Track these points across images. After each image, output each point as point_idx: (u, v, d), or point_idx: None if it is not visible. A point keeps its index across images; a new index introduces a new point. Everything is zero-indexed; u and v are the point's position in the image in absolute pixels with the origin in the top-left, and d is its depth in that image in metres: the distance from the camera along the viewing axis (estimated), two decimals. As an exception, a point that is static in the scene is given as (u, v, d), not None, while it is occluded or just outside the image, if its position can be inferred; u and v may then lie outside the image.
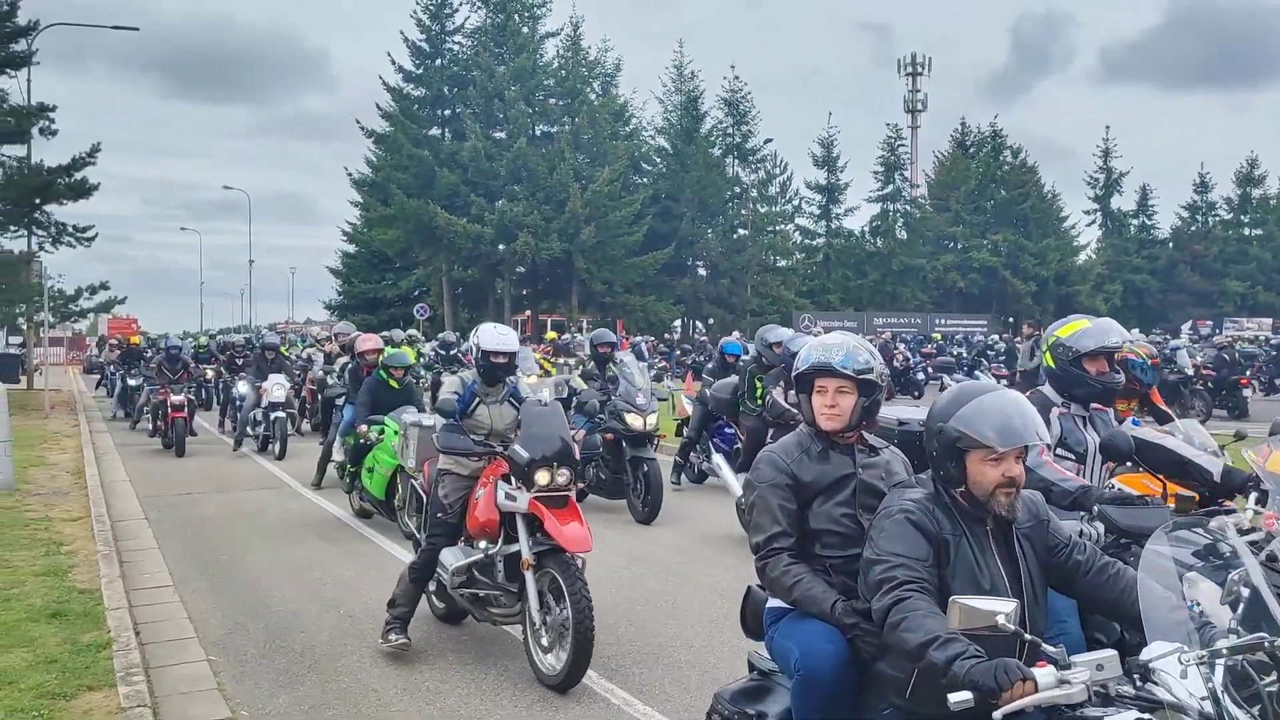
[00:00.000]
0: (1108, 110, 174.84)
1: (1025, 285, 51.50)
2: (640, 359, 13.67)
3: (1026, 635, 2.22)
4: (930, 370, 26.52)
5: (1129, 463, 3.68)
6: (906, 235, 53.63)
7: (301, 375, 16.21)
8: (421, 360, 16.93)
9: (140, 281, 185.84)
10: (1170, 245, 57.41)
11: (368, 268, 50.30)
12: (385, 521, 8.80)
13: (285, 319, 75.04)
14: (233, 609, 6.33)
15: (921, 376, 25.66)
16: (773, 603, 3.00)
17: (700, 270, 49.58)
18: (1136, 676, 2.16)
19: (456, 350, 19.33)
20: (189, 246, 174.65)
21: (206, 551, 8.01)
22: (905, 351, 28.10)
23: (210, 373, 19.47)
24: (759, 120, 50.87)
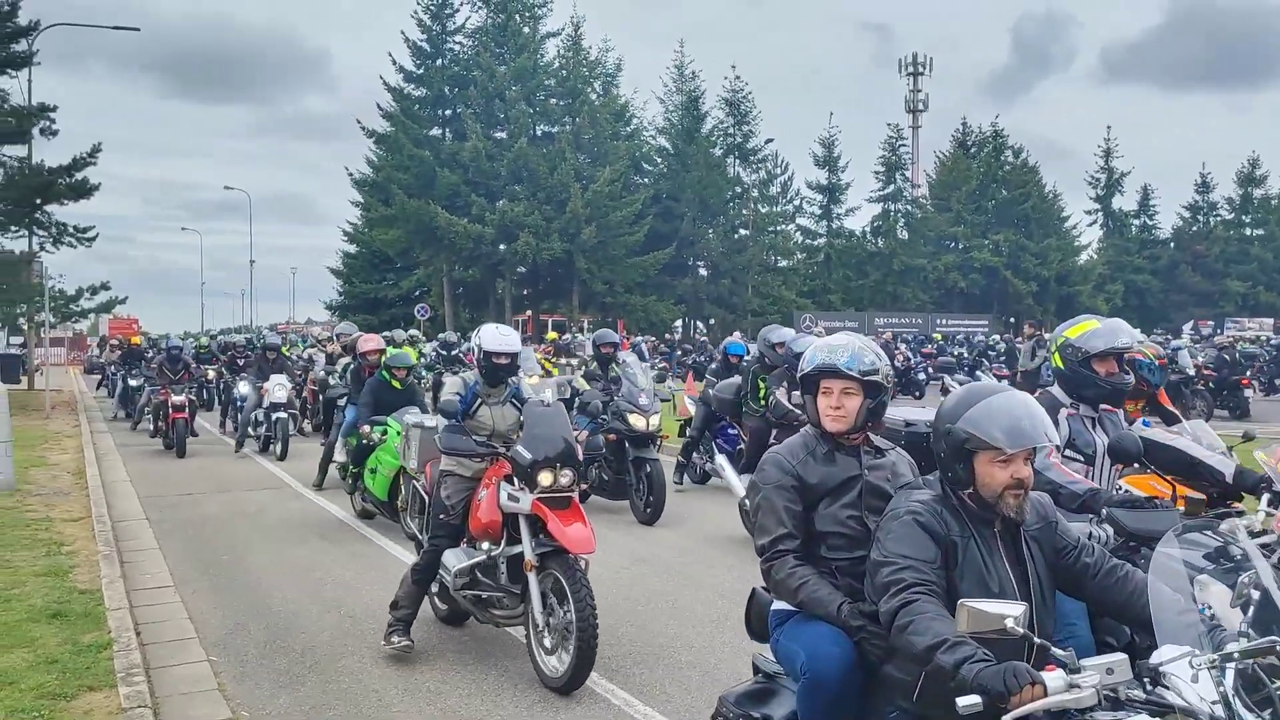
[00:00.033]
0: (1109, 110, 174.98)
1: (1026, 285, 51.47)
2: (641, 359, 13.62)
3: (1036, 639, 2.20)
4: (931, 370, 26.49)
5: (1137, 464, 3.65)
6: (908, 235, 53.61)
7: (303, 376, 16.20)
8: (423, 361, 16.92)
9: (141, 282, 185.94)
10: (1171, 245, 57.40)
11: (368, 268, 50.33)
12: (387, 522, 8.79)
13: (286, 319, 75.10)
14: (233, 609, 6.33)
15: (922, 377, 25.65)
16: (778, 605, 2.98)
17: (701, 270, 49.56)
18: (1146, 680, 2.14)
19: (458, 350, 19.31)
20: (190, 247, 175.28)
21: (207, 552, 8.00)
22: (906, 352, 28.09)
23: (211, 373, 19.46)
24: (760, 120, 50.98)
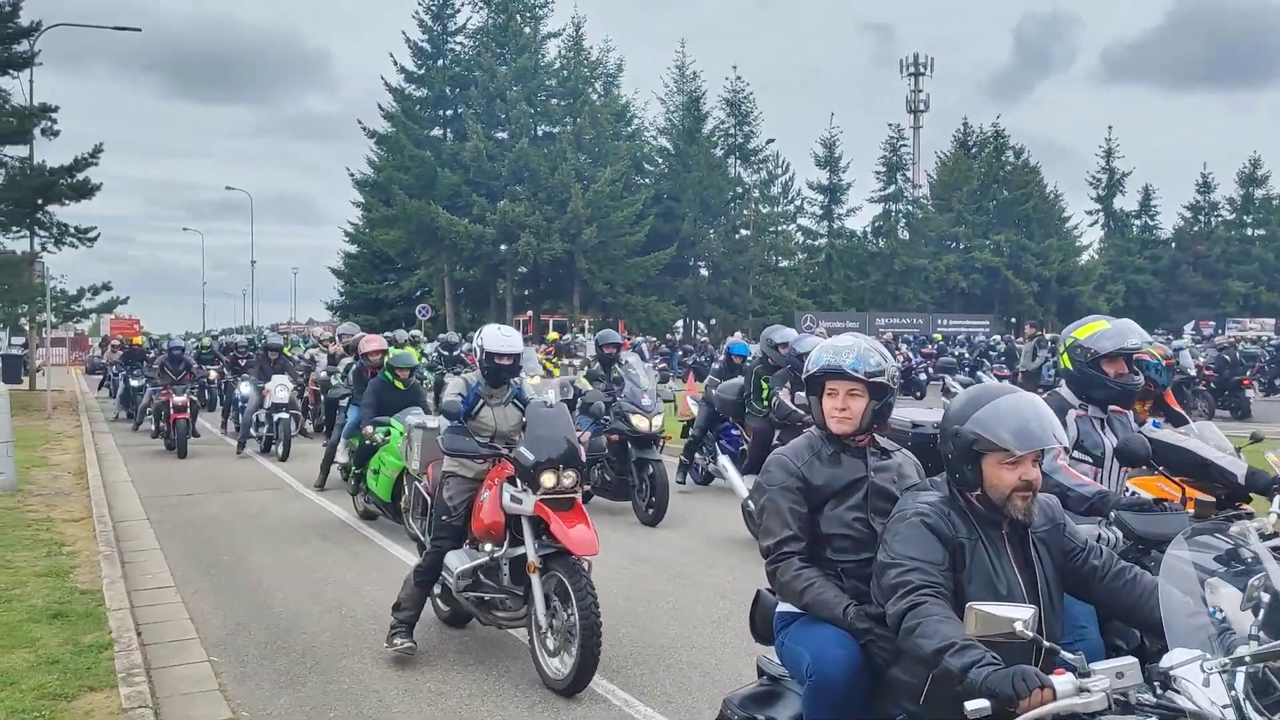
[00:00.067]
0: (1110, 110, 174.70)
1: (1027, 286, 51.44)
2: (641, 360, 13.59)
3: (1045, 642, 2.18)
4: (931, 371, 26.47)
5: (1145, 466, 3.62)
6: (909, 235, 53.58)
7: (304, 376, 16.17)
8: (424, 361, 16.89)
9: (142, 282, 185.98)
10: (1173, 245, 57.33)
11: (370, 268, 50.35)
12: (388, 523, 8.77)
13: (287, 319, 75.06)
14: (234, 610, 6.32)
15: (923, 377, 25.62)
16: (783, 607, 2.96)
17: (702, 271, 49.57)
18: (1157, 684, 2.12)
19: (459, 351, 19.28)
20: (191, 247, 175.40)
21: (208, 552, 7.99)
22: (907, 352, 28.05)
23: (213, 373, 19.44)
24: (761, 120, 51.03)
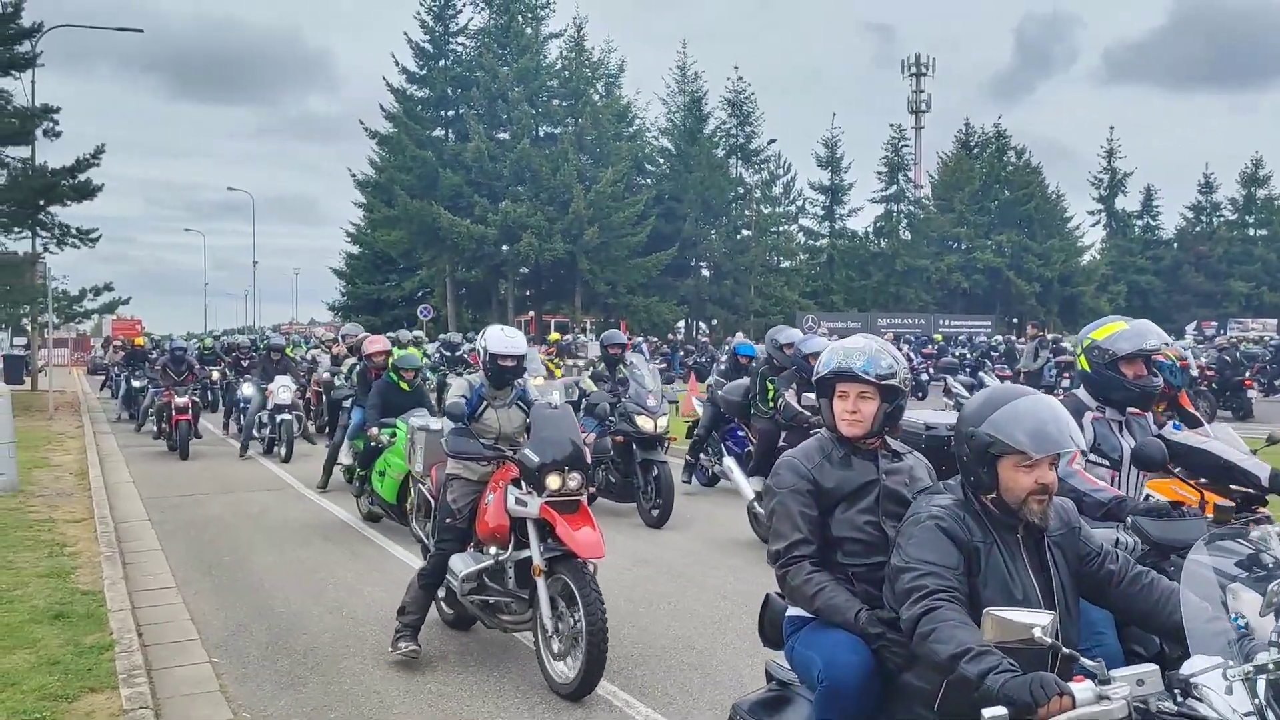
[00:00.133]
0: (1112, 111, 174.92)
1: (1029, 286, 51.40)
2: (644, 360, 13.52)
3: (1064, 649, 2.14)
4: (932, 371, 26.42)
5: (1161, 470, 3.56)
6: (910, 236, 53.53)
7: (307, 377, 16.13)
8: (427, 362, 16.85)
9: (144, 282, 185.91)
10: (1175, 246, 57.29)
11: (371, 269, 50.35)
12: (390, 525, 8.73)
13: (289, 320, 75.07)
14: (236, 611, 6.30)
15: (925, 377, 25.56)
16: (792, 611, 2.92)
17: (704, 271, 49.54)
18: (1177, 692, 2.08)
19: (461, 351, 19.25)
20: (193, 247, 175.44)
21: (210, 553, 7.97)
22: (908, 352, 27.99)
23: (215, 374, 19.41)
24: (762, 121, 51.06)
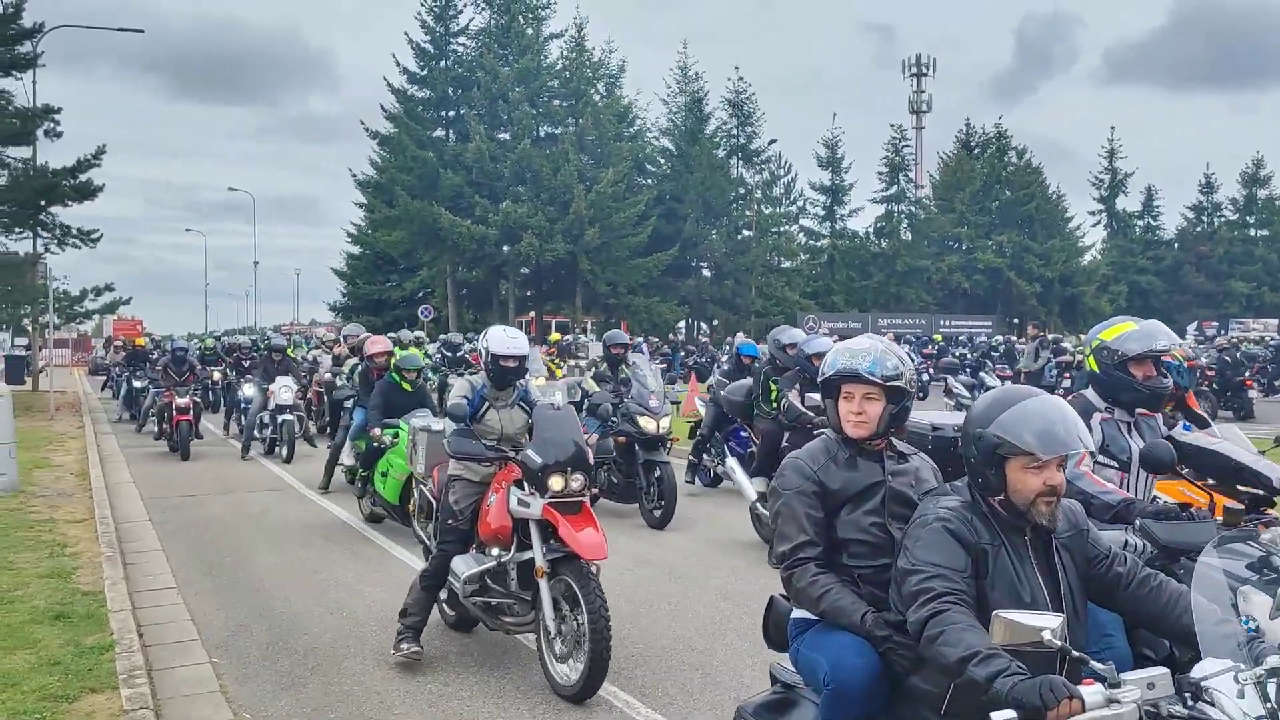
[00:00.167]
0: (1112, 111, 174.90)
1: (1030, 286, 51.34)
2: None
3: (1074, 651, 2.12)
4: (932, 372, 26.40)
5: (1169, 472, 3.53)
6: (911, 236, 53.47)
7: (308, 377, 16.12)
8: (429, 362, 16.84)
9: (145, 283, 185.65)
10: (1175, 246, 57.23)
11: (372, 269, 50.32)
12: (392, 525, 8.72)
13: (290, 320, 75.06)
14: (236, 611, 6.29)
15: (925, 378, 25.53)
16: (798, 613, 2.91)
17: (704, 271, 49.48)
18: (1188, 695, 2.07)
19: (462, 352, 19.23)
20: (194, 248, 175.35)
21: (210, 554, 7.96)
22: (909, 352, 27.85)
23: (217, 374, 19.39)
24: (763, 121, 50.92)
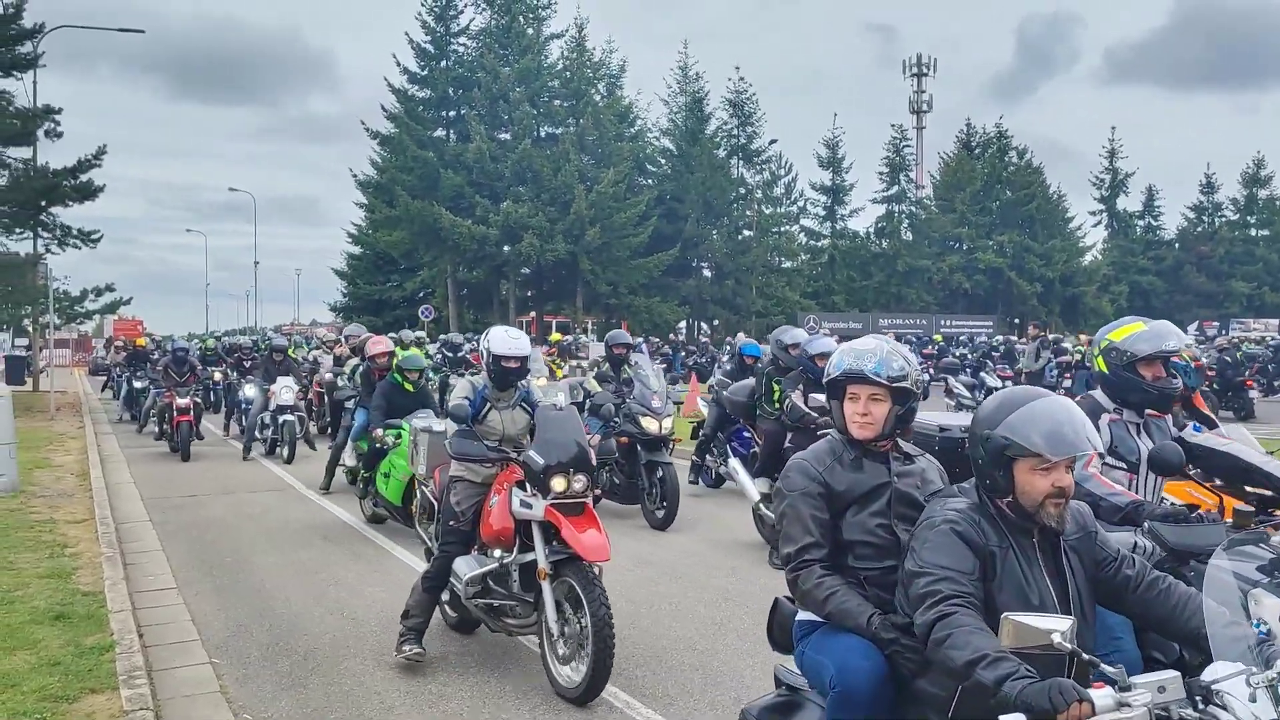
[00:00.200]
0: (1113, 111, 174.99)
1: (1031, 286, 51.34)
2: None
3: (1084, 654, 2.10)
4: (933, 372, 26.38)
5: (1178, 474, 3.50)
6: (912, 236, 53.50)
7: (309, 378, 16.09)
8: (430, 362, 16.82)
9: (146, 283, 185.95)
10: (1176, 246, 57.22)
11: (372, 269, 50.32)
12: (392, 526, 8.71)
13: (290, 321, 75.04)
14: (236, 612, 6.28)
15: (926, 378, 25.50)
16: (803, 615, 2.89)
17: (705, 271, 49.48)
18: (1199, 699, 2.05)
19: (463, 352, 19.22)
20: (194, 248, 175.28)
21: (211, 554, 7.95)
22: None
23: (218, 375, 19.37)
24: (764, 121, 51.04)
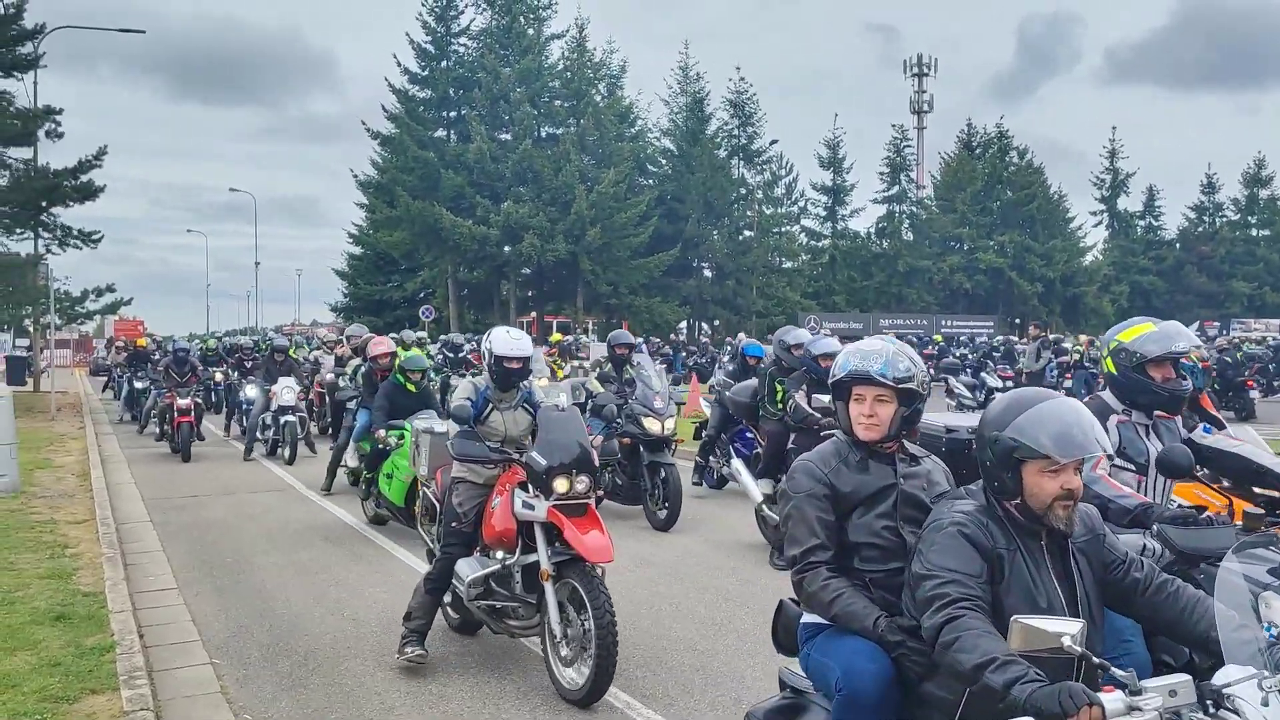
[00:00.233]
0: (1114, 111, 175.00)
1: (1032, 286, 51.31)
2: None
3: (1094, 658, 2.08)
4: (933, 372, 26.35)
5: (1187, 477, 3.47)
6: (912, 236, 53.50)
7: (310, 378, 16.07)
8: (432, 363, 16.80)
9: (146, 284, 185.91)
10: (1177, 246, 57.21)
11: (373, 270, 50.30)
12: (393, 526, 8.70)
13: (291, 321, 75.02)
14: (237, 612, 6.28)
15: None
16: (808, 618, 2.87)
17: (706, 272, 49.46)
18: (1210, 703, 2.03)
19: (464, 353, 19.20)
20: (195, 248, 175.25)
21: (211, 554, 7.94)
22: (911, 353, 27.82)
23: (219, 375, 19.35)
24: (764, 122, 51.07)
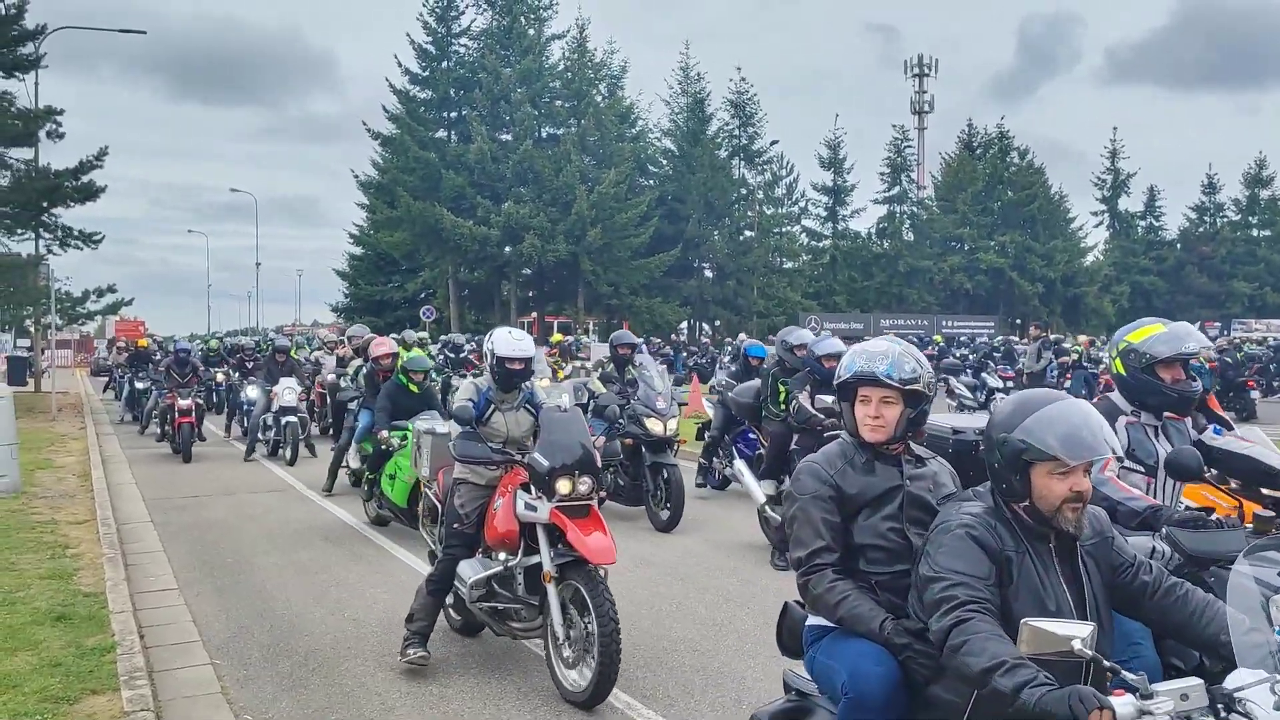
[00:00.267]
0: (1115, 111, 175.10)
1: (1032, 287, 51.30)
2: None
3: (1105, 661, 2.07)
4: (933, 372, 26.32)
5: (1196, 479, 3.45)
6: (913, 237, 53.48)
7: (311, 379, 16.06)
8: (434, 363, 16.77)
9: (147, 284, 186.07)
10: (1178, 246, 57.20)
11: (374, 270, 50.27)
12: (394, 527, 8.69)
13: (292, 321, 75.07)
14: (238, 613, 6.27)
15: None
16: (813, 620, 2.86)
17: (706, 272, 49.45)
18: (1221, 707, 2.02)
19: (465, 353, 19.18)
20: (196, 249, 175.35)
21: (212, 555, 7.93)
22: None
23: (220, 376, 19.34)
24: (765, 122, 51.04)
